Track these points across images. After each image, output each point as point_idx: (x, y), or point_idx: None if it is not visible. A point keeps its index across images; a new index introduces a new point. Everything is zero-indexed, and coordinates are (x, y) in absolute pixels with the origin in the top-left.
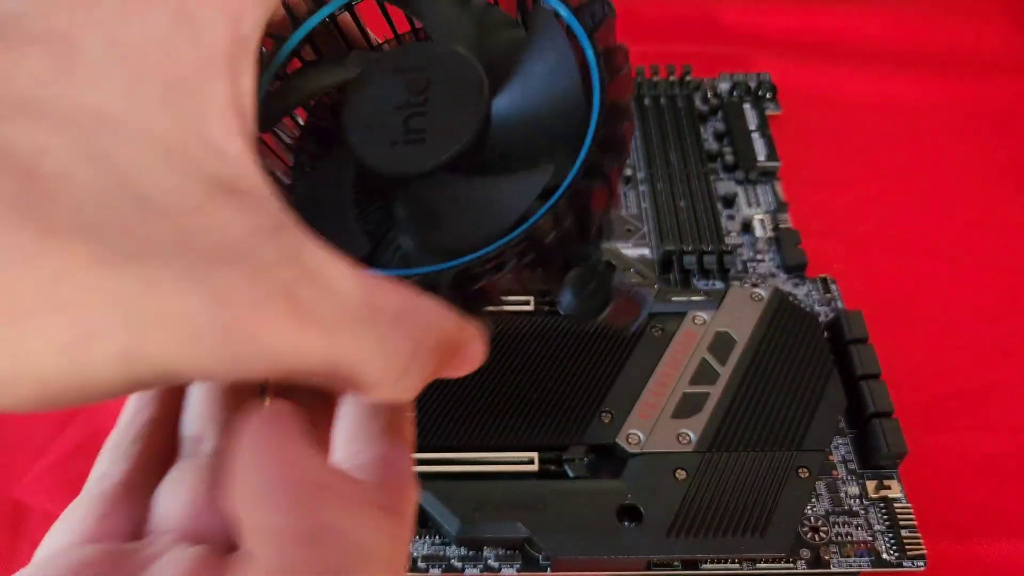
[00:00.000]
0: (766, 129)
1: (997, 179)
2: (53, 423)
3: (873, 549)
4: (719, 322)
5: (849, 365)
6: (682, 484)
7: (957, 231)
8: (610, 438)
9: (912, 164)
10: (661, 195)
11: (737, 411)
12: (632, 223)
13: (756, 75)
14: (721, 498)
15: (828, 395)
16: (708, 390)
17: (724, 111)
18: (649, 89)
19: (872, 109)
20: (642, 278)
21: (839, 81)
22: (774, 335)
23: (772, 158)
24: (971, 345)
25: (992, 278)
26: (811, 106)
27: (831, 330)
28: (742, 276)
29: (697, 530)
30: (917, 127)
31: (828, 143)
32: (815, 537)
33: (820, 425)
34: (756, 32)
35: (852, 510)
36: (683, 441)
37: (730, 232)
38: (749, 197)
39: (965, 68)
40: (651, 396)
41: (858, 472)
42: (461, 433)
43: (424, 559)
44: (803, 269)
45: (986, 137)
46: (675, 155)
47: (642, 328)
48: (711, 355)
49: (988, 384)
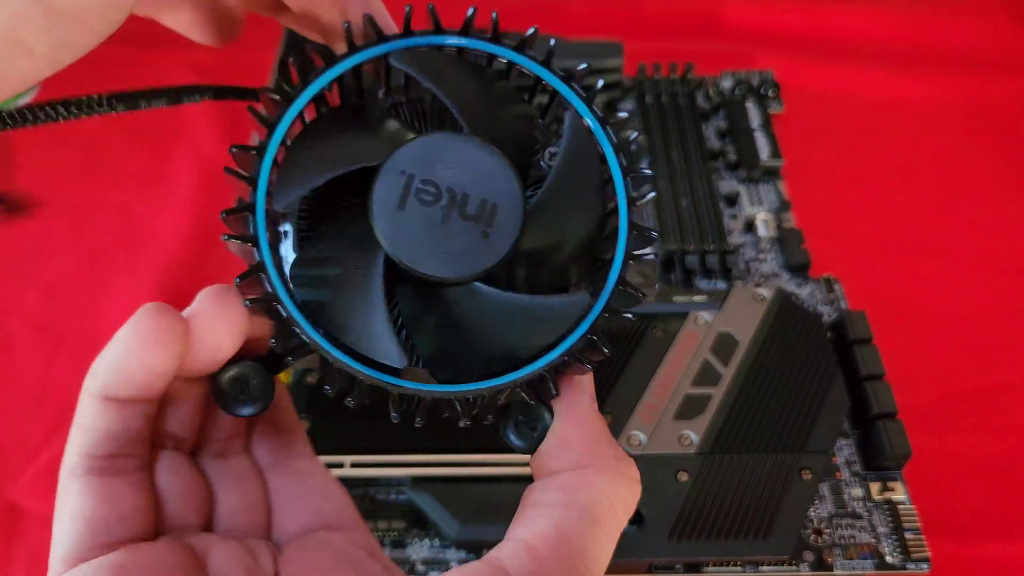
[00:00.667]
0: (769, 127)
1: (1002, 178)
2: (47, 426)
3: (877, 551)
4: (721, 323)
5: (853, 366)
6: (684, 486)
7: (961, 230)
8: None
9: (916, 162)
10: (663, 194)
11: (739, 412)
12: None
13: (759, 73)
14: (723, 500)
15: (831, 396)
16: (710, 391)
17: (726, 109)
18: (651, 87)
19: (876, 107)
20: (643, 278)
21: (842, 79)
22: (777, 336)
23: (775, 156)
24: (976, 345)
25: (997, 278)
26: (814, 104)
27: (834, 331)
28: (745, 276)
29: (699, 533)
30: (921, 125)
31: (831, 141)
32: (818, 540)
33: (823, 427)
34: (759, 30)
35: (856, 512)
36: (685, 443)
37: (732, 232)
38: (752, 196)
39: (969, 67)
40: (653, 397)
41: (862, 474)
42: (461, 436)
43: (424, 562)
44: (806, 269)
45: (990, 136)
46: (677, 153)
47: (644, 329)
48: (713, 356)
49: (993, 384)
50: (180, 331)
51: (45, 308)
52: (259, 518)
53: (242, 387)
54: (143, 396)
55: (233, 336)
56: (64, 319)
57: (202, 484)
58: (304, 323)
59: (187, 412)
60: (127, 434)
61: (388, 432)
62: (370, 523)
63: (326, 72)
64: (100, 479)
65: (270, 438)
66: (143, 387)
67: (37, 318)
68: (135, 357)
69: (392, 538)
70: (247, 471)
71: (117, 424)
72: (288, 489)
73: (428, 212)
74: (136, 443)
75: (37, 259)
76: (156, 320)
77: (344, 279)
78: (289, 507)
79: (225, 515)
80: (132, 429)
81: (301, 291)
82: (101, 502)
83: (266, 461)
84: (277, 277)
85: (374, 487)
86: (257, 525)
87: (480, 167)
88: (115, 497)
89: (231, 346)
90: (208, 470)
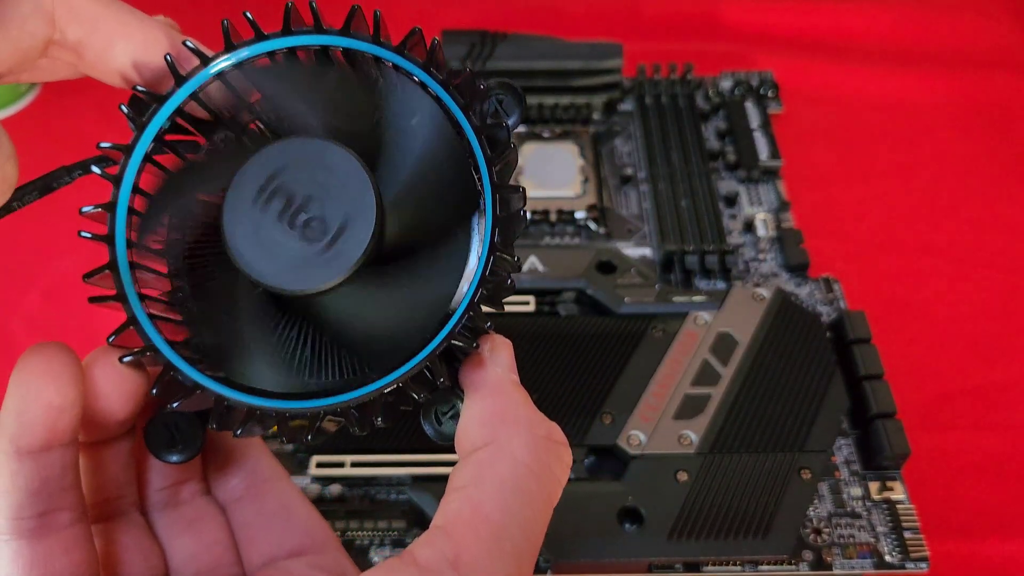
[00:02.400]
0: (768, 128)
1: (1000, 177)
2: None
3: (876, 551)
4: (721, 322)
5: (852, 365)
6: (683, 486)
7: (960, 230)
8: (611, 440)
9: (915, 162)
10: (662, 194)
11: (739, 412)
12: (633, 223)
13: (758, 73)
14: (723, 500)
15: (831, 396)
16: (710, 391)
17: (726, 109)
18: (650, 87)
19: (875, 107)
20: (643, 278)
21: (842, 79)
22: (776, 336)
23: (774, 157)
24: (975, 344)
25: (996, 277)
26: (814, 104)
27: (834, 330)
28: (744, 276)
29: (699, 532)
30: (920, 125)
31: (831, 141)
32: (817, 539)
33: (823, 426)
34: (758, 30)
35: (855, 511)
36: (684, 443)
37: (732, 232)
38: (751, 196)
39: (968, 66)
40: (652, 397)
41: (861, 473)
42: None
43: None
44: (805, 269)
45: (989, 135)
46: (676, 154)
47: (643, 329)
48: (713, 356)
49: (992, 384)
50: (68, 360)
51: (46, 309)
52: (222, 557)
53: (171, 433)
54: (53, 439)
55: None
56: (64, 321)
57: (148, 538)
58: (183, 365)
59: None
60: (49, 487)
61: (388, 432)
62: (370, 523)
63: (158, 113)
64: (30, 542)
65: (230, 475)
66: (49, 427)
67: (37, 319)
68: (32, 397)
69: (392, 538)
70: (202, 513)
71: (36, 478)
72: (251, 521)
73: (281, 226)
74: (63, 495)
75: (38, 260)
76: (42, 354)
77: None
78: (253, 539)
79: (180, 564)
80: (53, 480)
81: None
82: (33, 567)
83: (232, 497)
84: (151, 326)
85: (374, 487)
86: (221, 564)
87: (331, 170)
88: (48, 559)
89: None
90: (158, 521)
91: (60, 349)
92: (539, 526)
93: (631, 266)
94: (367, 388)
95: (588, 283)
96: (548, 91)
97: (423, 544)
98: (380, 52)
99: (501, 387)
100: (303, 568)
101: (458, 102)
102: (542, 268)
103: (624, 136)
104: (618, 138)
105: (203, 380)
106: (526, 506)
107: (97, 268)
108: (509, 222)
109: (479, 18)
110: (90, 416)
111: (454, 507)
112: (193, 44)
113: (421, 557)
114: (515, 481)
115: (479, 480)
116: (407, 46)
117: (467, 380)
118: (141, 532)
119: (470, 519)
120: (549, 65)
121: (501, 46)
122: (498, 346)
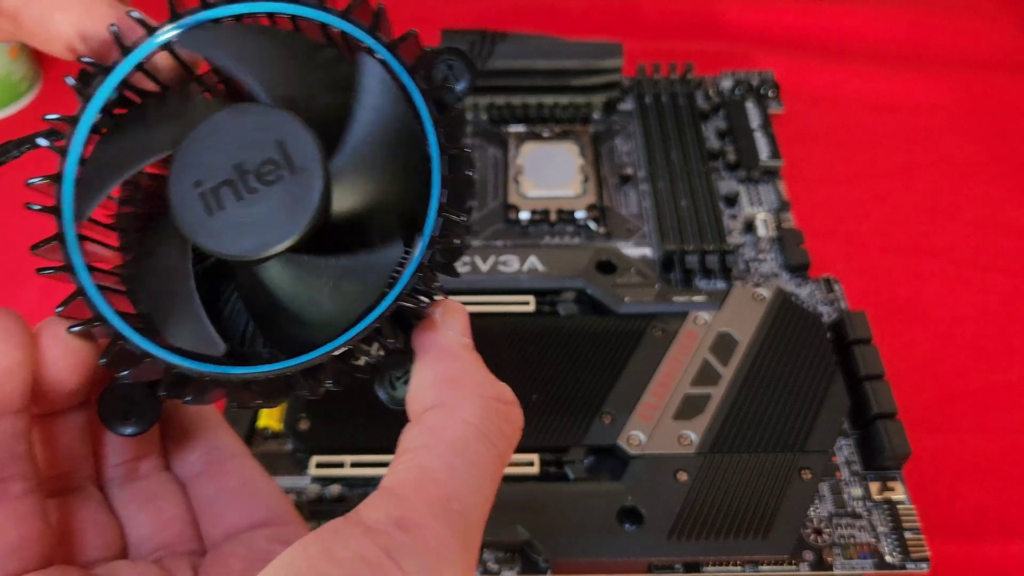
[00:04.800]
0: (768, 127)
1: (1001, 178)
2: None
3: (876, 551)
4: (721, 322)
5: (852, 366)
6: (683, 486)
7: (961, 231)
8: (611, 440)
9: (915, 163)
10: (662, 194)
11: (739, 412)
12: (632, 223)
13: (758, 73)
14: (723, 500)
15: (831, 396)
16: (710, 391)
17: (726, 109)
18: (650, 87)
19: (875, 107)
20: (643, 278)
21: (842, 79)
22: (777, 336)
23: (775, 157)
24: (975, 345)
25: (996, 278)
26: (814, 104)
27: (834, 331)
28: (744, 276)
29: (699, 532)
30: (920, 125)
31: (831, 141)
32: (818, 539)
33: (823, 426)
34: (758, 30)
35: (855, 512)
36: (684, 442)
37: (732, 232)
38: (751, 196)
39: (968, 67)
40: (652, 397)
41: (861, 473)
42: None
43: None
44: (806, 269)
45: (989, 136)
46: (676, 154)
47: (643, 329)
48: (713, 356)
49: (993, 384)
50: (14, 325)
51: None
52: (181, 532)
53: (125, 405)
54: (2, 404)
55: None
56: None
57: (106, 512)
58: (131, 334)
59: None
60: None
61: (388, 432)
62: None
63: (103, 84)
64: None
65: (189, 450)
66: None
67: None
68: None
69: None
70: (161, 488)
71: None
72: (211, 496)
73: (227, 192)
74: (14, 463)
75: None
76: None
77: (159, 279)
78: (213, 514)
79: (139, 539)
80: (4, 447)
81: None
82: None
83: (191, 472)
84: (99, 296)
85: (374, 487)
86: (180, 539)
87: (278, 137)
88: (1, 529)
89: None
90: (116, 497)
91: (6, 314)
92: (488, 487)
93: (631, 266)
94: (317, 351)
95: (588, 283)
96: (548, 90)
97: (370, 505)
98: (325, 17)
99: (452, 350)
100: (263, 541)
101: (404, 65)
102: (542, 268)
103: (624, 136)
104: (618, 137)
105: (151, 348)
106: (474, 467)
107: (44, 239)
108: (457, 184)
109: (478, 17)
110: (40, 385)
111: (402, 468)
112: (138, 14)
113: (368, 518)
114: (464, 443)
115: (428, 442)
116: (351, 10)
117: (418, 343)
118: (98, 507)
119: (418, 481)
120: (549, 64)
121: (501, 45)
122: (451, 310)
